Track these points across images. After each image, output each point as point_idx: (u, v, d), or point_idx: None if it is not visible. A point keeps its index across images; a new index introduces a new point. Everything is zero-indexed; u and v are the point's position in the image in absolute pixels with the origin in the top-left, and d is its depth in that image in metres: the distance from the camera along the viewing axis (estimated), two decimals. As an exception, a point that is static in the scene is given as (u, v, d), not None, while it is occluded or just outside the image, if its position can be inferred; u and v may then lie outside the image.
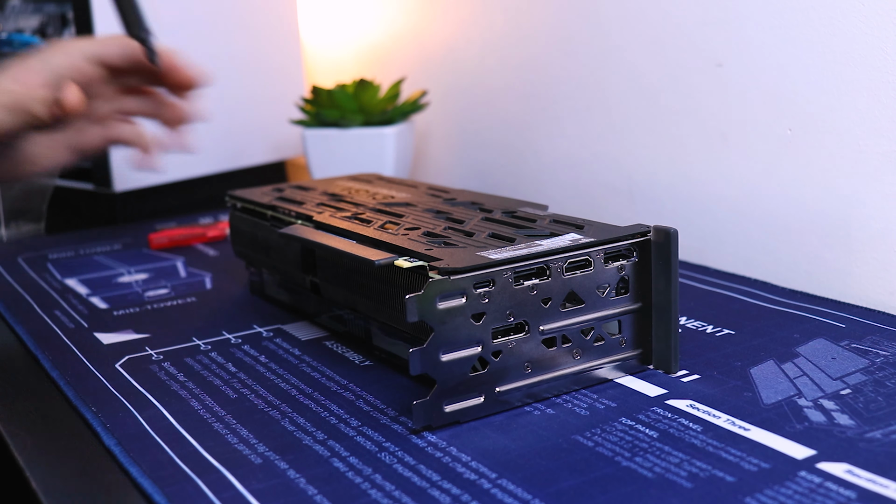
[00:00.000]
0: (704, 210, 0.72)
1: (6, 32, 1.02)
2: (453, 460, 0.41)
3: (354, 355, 0.55)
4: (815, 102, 0.63)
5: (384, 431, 0.45)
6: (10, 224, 0.88)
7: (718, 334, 0.55)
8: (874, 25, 0.59)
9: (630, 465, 0.40)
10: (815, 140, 0.63)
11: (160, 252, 0.83)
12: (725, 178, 0.70)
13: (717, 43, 0.69)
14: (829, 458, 0.40)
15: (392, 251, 0.48)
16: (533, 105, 0.88)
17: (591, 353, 0.48)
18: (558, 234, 0.49)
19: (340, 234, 0.53)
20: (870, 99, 0.60)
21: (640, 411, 0.45)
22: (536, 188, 0.89)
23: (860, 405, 0.45)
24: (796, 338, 0.54)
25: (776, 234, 0.67)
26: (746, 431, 0.43)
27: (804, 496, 0.37)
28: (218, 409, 0.48)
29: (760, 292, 0.62)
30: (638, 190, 0.78)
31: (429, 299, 0.43)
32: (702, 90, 0.71)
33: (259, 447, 0.44)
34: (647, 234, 0.49)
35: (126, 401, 0.49)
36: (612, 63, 0.79)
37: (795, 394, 0.46)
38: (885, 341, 0.52)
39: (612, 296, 0.48)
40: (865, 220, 0.61)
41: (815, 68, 0.63)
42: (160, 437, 0.45)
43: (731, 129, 0.69)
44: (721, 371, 0.50)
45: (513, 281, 0.45)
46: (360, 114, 0.92)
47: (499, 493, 0.38)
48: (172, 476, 0.41)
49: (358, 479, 0.40)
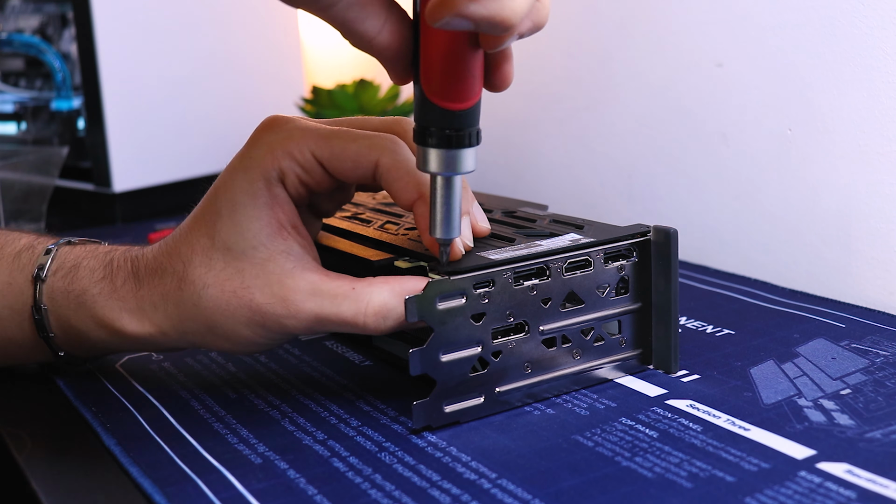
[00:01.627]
0: (704, 210, 0.72)
1: (6, 32, 1.02)
2: (453, 460, 0.41)
3: (354, 355, 0.55)
4: (815, 102, 0.63)
5: (384, 431, 0.45)
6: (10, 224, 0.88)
7: (718, 334, 0.55)
8: (874, 25, 0.59)
9: (630, 465, 0.40)
10: (815, 140, 0.63)
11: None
12: (725, 178, 0.70)
13: (717, 43, 0.69)
14: (829, 458, 0.40)
15: (392, 251, 0.48)
16: (533, 105, 0.88)
17: (591, 354, 0.48)
18: (558, 234, 0.49)
19: (340, 233, 0.53)
20: (870, 99, 0.60)
21: (640, 411, 0.45)
22: (536, 188, 0.89)
23: (860, 405, 0.45)
24: (796, 338, 0.54)
25: (776, 234, 0.67)
26: (746, 431, 0.43)
27: (804, 496, 0.37)
28: (218, 409, 0.48)
29: (760, 292, 0.62)
30: (638, 190, 0.78)
31: (429, 300, 0.43)
32: (702, 90, 0.71)
33: (259, 447, 0.44)
34: (647, 234, 0.49)
35: (126, 401, 0.49)
36: (612, 63, 0.79)
37: (795, 394, 0.46)
38: (885, 341, 0.52)
39: (612, 296, 0.48)
40: (865, 220, 0.61)
41: (815, 68, 0.63)
42: (160, 437, 0.45)
43: (731, 129, 0.69)
44: (721, 371, 0.50)
45: (513, 281, 0.45)
46: (360, 114, 0.92)
47: (499, 493, 0.38)
48: (172, 476, 0.41)
49: (358, 479, 0.40)
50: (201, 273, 0.45)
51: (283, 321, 0.44)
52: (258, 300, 0.44)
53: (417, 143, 0.41)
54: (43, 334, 0.49)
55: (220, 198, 0.45)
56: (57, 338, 0.50)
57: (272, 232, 0.44)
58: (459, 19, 0.34)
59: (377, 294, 0.43)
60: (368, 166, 0.44)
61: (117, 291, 0.48)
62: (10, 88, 1.06)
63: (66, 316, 0.49)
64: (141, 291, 0.47)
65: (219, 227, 0.45)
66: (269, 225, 0.44)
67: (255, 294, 0.44)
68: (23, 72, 1.05)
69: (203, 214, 0.46)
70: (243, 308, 0.44)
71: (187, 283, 0.45)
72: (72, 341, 0.50)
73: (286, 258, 0.44)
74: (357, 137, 0.44)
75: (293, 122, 0.46)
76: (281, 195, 0.45)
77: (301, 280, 0.44)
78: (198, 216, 0.46)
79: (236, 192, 0.45)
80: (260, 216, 0.44)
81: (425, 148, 0.40)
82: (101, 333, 0.48)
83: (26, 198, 0.90)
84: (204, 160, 0.99)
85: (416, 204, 0.44)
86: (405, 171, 0.44)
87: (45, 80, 1.03)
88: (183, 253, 0.46)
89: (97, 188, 0.96)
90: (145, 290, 0.47)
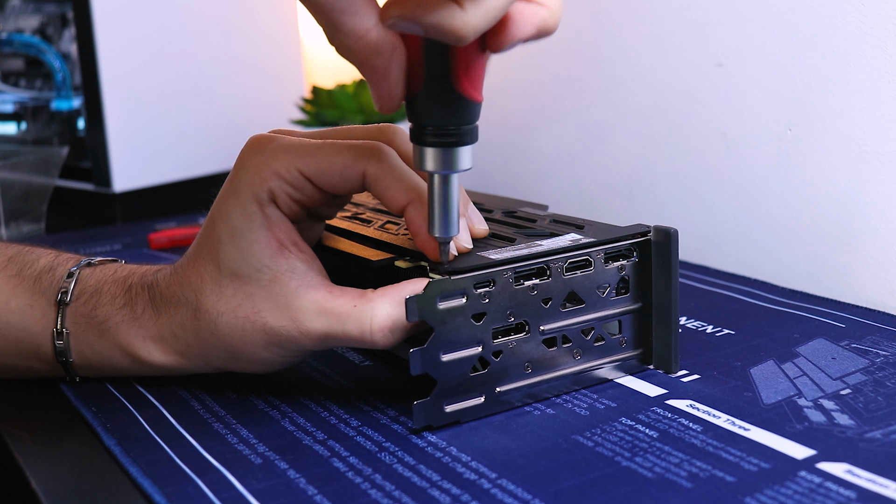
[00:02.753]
0: (704, 210, 0.72)
1: (6, 32, 1.02)
2: (453, 460, 0.41)
3: (354, 355, 0.55)
4: (815, 102, 0.63)
5: (384, 431, 0.45)
6: (10, 224, 0.88)
7: (718, 334, 0.55)
8: (874, 25, 0.59)
9: (630, 465, 0.40)
10: (815, 140, 0.63)
11: (160, 252, 0.83)
12: (725, 178, 0.70)
13: (717, 43, 0.69)
14: (829, 458, 0.40)
15: (392, 251, 0.48)
16: (533, 104, 0.88)
17: (591, 353, 0.48)
18: (558, 234, 0.49)
19: (340, 233, 0.53)
20: (870, 99, 0.60)
21: (640, 411, 0.45)
22: (536, 188, 0.89)
23: (860, 405, 0.45)
24: (796, 338, 0.54)
25: (776, 234, 0.67)
26: (746, 431, 0.43)
27: (804, 496, 0.37)
28: (218, 409, 0.48)
29: (760, 292, 0.62)
30: (638, 190, 0.78)
31: (429, 299, 0.43)
32: (702, 90, 0.71)
33: (259, 447, 0.44)
34: (648, 234, 0.49)
35: (126, 401, 0.49)
36: (612, 62, 0.79)
37: (795, 394, 0.46)
38: (885, 341, 0.52)
39: (613, 296, 0.48)
40: (865, 220, 0.61)
41: (815, 68, 0.63)
42: (160, 437, 0.45)
43: (731, 129, 0.69)
44: (721, 371, 0.50)
45: (513, 281, 0.45)
46: (360, 114, 0.92)
47: (499, 493, 0.38)
48: (172, 476, 0.41)
49: (358, 479, 0.40)
50: (213, 301, 0.45)
51: (297, 341, 0.45)
52: (271, 324, 0.44)
53: (414, 143, 0.41)
54: (62, 359, 0.50)
55: (219, 225, 0.46)
56: (75, 362, 0.50)
57: (273, 252, 0.45)
58: (408, 22, 0.35)
59: (379, 308, 0.43)
60: (356, 177, 0.44)
61: (138, 319, 0.48)
62: (10, 88, 1.06)
63: (90, 342, 0.49)
64: (160, 320, 0.48)
65: (222, 254, 0.45)
66: (269, 246, 0.45)
67: (267, 318, 0.44)
68: (23, 72, 1.05)
69: (206, 241, 0.46)
70: (258, 332, 0.45)
71: (202, 313, 0.46)
72: (92, 366, 0.50)
73: (290, 277, 0.45)
74: (341, 150, 0.44)
75: (277, 140, 0.46)
76: (275, 215, 0.45)
77: (306, 300, 0.44)
78: (201, 243, 0.47)
79: (232, 217, 0.45)
80: (259, 239, 0.44)
81: (422, 147, 0.41)
82: (125, 361, 0.49)
83: (26, 198, 0.90)
84: (204, 160, 0.99)
85: (407, 209, 0.44)
86: (392, 177, 0.44)
87: (45, 80, 1.03)
88: (193, 282, 0.46)
89: (97, 188, 0.96)
90: (163, 319, 0.47)
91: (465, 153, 0.41)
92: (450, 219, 0.42)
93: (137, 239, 0.87)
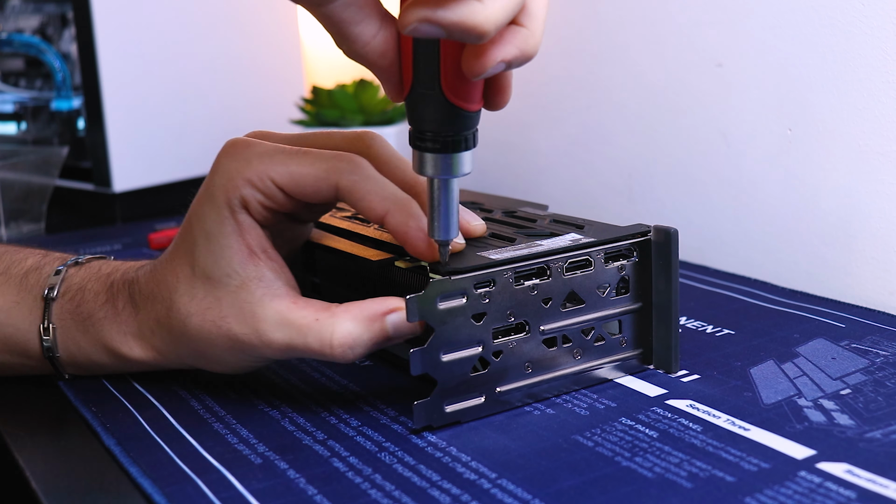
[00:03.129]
0: (704, 210, 0.72)
1: (6, 32, 1.02)
2: (453, 460, 0.41)
3: (354, 355, 0.55)
4: (815, 102, 0.63)
5: (384, 431, 0.45)
6: (10, 224, 0.88)
7: (718, 334, 0.55)
8: (874, 25, 0.59)
9: (630, 465, 0.40)
10: (815, 140, 0.63)
11: (160, 252, 0.83)
12: (725, 178, 0.70)
13: (717, 43, 0.69)
14: (829, 458, 0.40)
15: (392, 251, 0.48)
16: (532, 104, 0.88)
17: (591, 353, 0.48)
18: (558, 234, 0.49)
19: (340, 233, 0.53)
20: (870, 99, 0.60)
21: (640, 411, 0.45)
22: (536, 188, 0.89)
23: (860, 405, 0.45)
24: (796, 338, 0.54)
25: (776, 234, 0.67)
26: (746, 431, 0.43)
27: (804, 496, 0.37)
28: (218, 409, 0.48)
29: (760, 292, 0.62)
30: (638, 190, 0.78)
31: (429, 299, 0.43)
32: (702, 90, 0.71)
33: (259, 447, 0.44)
34: (648, 234, 0.49)
35: (126, 401, 0.49)
36: (611, 62, 0.79)
37: (795, 394, 0.46)
38: (885, 341, 0.52)
39: (613, 296, 0.48)
40: (865, 220, 0.61)
41: (815, 68, 0.63)
42: (160, 437, 0.45)
43: (731, 129, 0.69)
44: (721, 371, 0.50)
45: (513, 281, 0.45)
46: (360, 114, 0.92)
47: (499, 493, 0.38)
48: (172, 476, 0.41)
49: (358, 479, 0.40)
50: (185, 302, 0.46)
51: (259, 350, 0.45)
52: (235, 331, 0.45)
53: (414, 148, 0.41)
54: (49, 354, 0.50)
55: (195, 227, 0.46)
56: (62, 358, 0.50)
57: (243, 258, 0.45)
58: (429, 25, 0.34)
59: (340, 324, 0.44)
60: (329, 190, 0.44)
61: (119, 315, 0.49)
62: (10, 88, 1.06)
63: (75, 338, 0.50)
64: (139, 316, 0.48)
65: (197, 256, 0.46)
66: (239, 252, 0.45)
67: (231, 325, 0.45)
68: (23, 72, 1.05)
69: (183, 242, 0.47)
70: (223, 338, 0.45)
71: (174, 312, 0.46)
72: (77, 362, 0.50)
73: (257, 285, 0.45)
74: (315, 161, 0.44)
75: (252, 147, 0.46)
76: (247, 221, 0.45)
77: (269, 309, 0.44)
78: (178, 244, 0.47)
79: (206, 221, 0.45)
80: (230, 244, 0.45)
81: (423, 153, 0.41)
82: (106, 357, 0.50)
83: (26, 198, 0.90)
84: (204, 160, 0.99)
85: (386, 219, 0.44)
86: (366, 189, 0.44)
87: (45, 80, 1.03)
88: (169, 281, 0.47)
89: (97, 188, 0.96)
90: (142, 315, 0.48)
91: (464, 158, 0.41)
92: (449, 222, 0.42)
93: (137, 239, 0.87)
